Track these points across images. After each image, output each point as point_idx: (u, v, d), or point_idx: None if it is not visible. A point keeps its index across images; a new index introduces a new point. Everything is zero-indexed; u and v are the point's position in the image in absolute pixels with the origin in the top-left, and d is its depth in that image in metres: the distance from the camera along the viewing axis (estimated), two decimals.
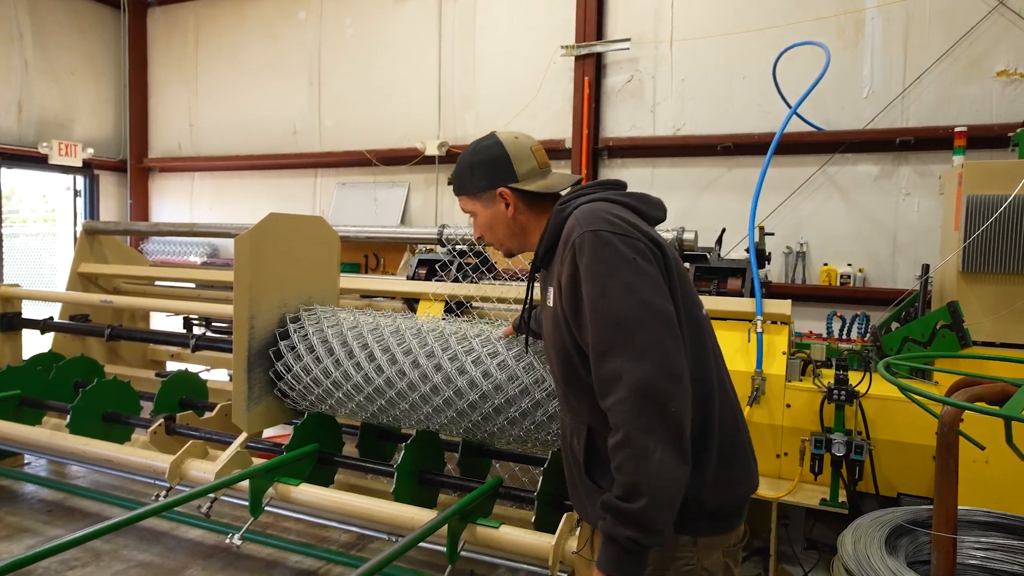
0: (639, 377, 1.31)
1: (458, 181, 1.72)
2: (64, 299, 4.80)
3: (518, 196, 1.64)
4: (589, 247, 1.41)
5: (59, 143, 7.65)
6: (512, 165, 1.63)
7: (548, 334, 1.59)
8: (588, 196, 1.55)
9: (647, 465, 1.28)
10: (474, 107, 6.74)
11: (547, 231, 1.58)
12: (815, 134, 5.26)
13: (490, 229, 1.71)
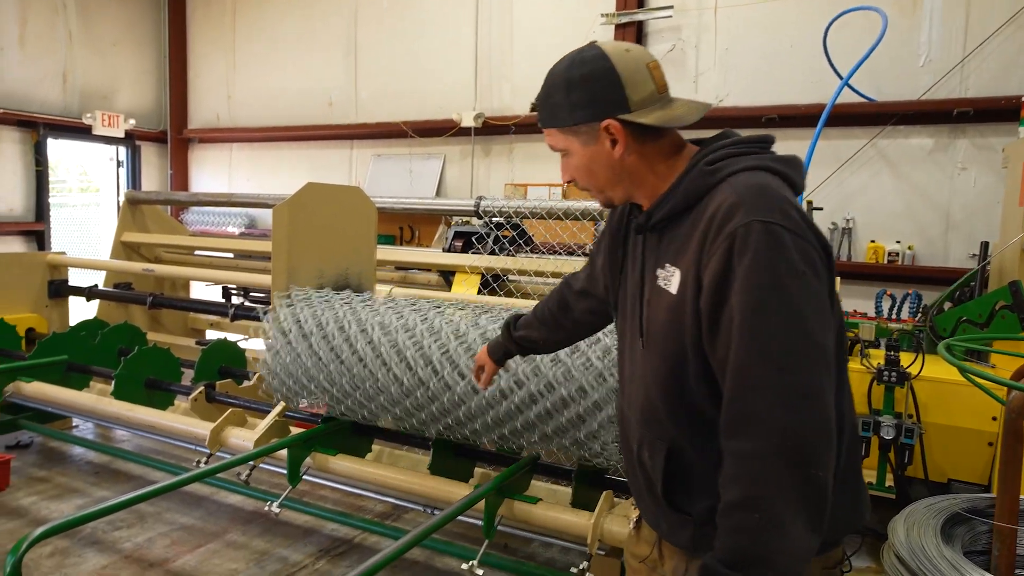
0: (789, 431, 1.04)
1: (547, 109, 1.29)
2: (108, 267, 4.90)
3: (630, 132, 1.23)
4: (756, 245, 1.08)
5: (102, 114, 7.77)
6: (624, 89, 1.21)
7: (658, 323, 1.25)
8: (748, 161, 1.21)
9: (778, 541, 1.04)
10: (510, 78, 6.63)
11: (679, 189, 1.22)
12: (865, 105, 5.05)
13: (588, 173, 1.30)
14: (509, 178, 6.70)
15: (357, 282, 3.08)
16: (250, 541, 3.29)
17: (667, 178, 1.26)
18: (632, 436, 1.35)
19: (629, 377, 1.37)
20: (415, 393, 2.22)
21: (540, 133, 1.36)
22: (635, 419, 1.34)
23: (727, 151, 1.23)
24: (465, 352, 2.14)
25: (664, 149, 1.27)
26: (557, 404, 1.98)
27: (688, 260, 1.18)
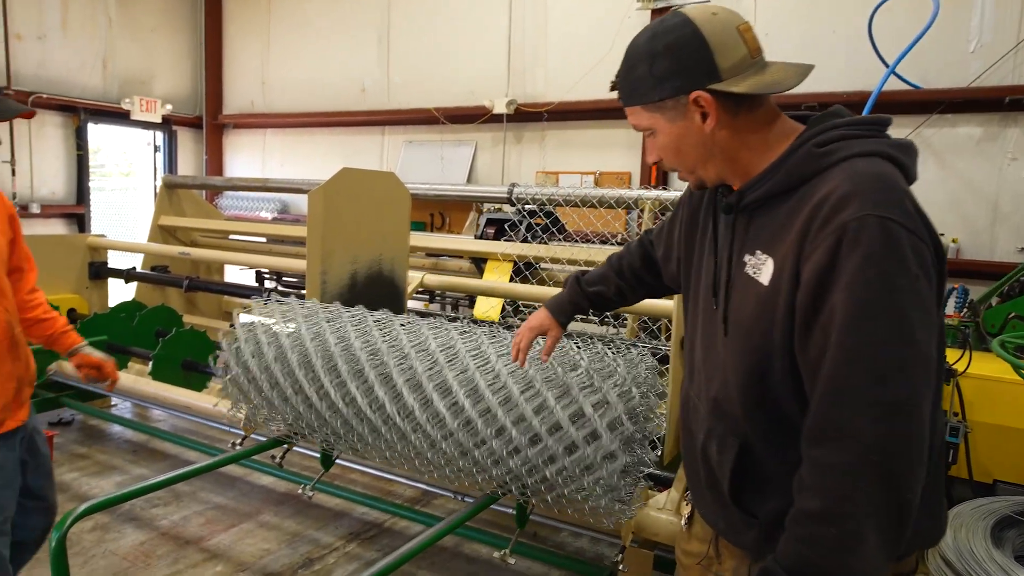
0: (881, 447, 0.96)
1: (628, 85, 1.17)
2: (146, 250, 4.98)
3: (722, 103, 1.11)
4: (869, 241, 0.98)
5: (140, 99, 7.89)
6: (713, 55, 1.09)
7: (744, 313, 1.15)
8: (864, 145, 1.08)
9: (849, 559, 0.98)
10: (544, 64, 6.57)
11: (781, 170, 1.10)
12: (910, 93, 4.87)
13: (676, 152, 1.17)
14: (541, 166, 6.65)
15: (390, 268, 3.08)
16: (282, 522, 3.34)
17: (763, 153, 1.15)
18: (698, 427, 1.28)
19: (702, 364, 1.27)
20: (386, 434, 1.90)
21: (573, 120, 1.28)
22: (705, 409, 1.25)
23: (841, 132, 1.10)
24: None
25: (759, 121, 1.15)
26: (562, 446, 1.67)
27: (785, 249, 1.08)
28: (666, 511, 2.02)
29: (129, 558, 2.98)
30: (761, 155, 1.15)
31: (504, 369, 1.73)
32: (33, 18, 7.12)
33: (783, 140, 1.15)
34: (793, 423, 1.11)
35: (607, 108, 6.19)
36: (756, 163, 1.16)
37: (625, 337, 3.44)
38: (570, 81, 6.37)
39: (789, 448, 1.11)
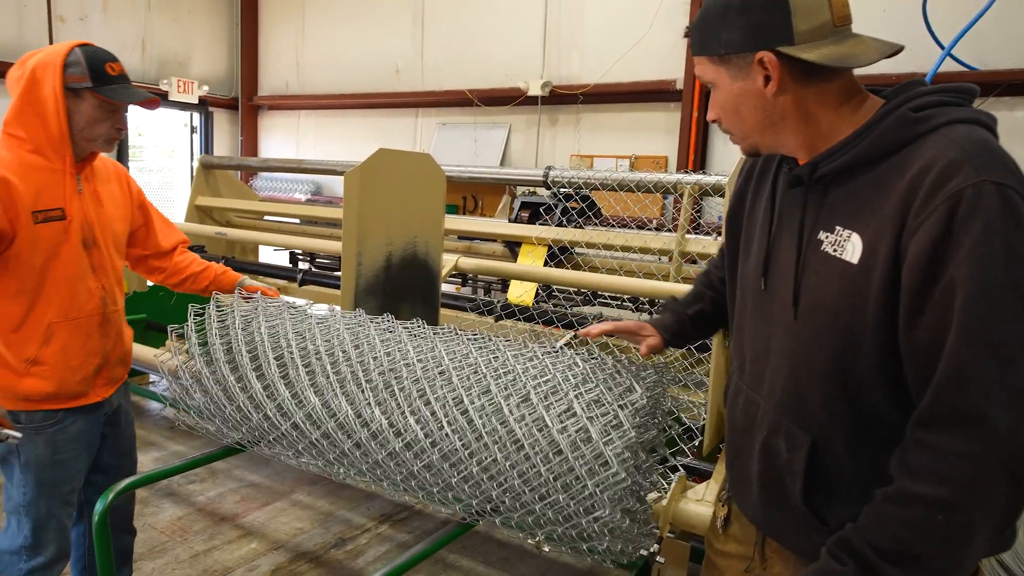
0: (1011, 436, 0.89)
1: (699, 34, 1.10)
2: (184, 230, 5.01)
3: (788, 68, 1.03)
4: (988, 210, 0.89)
5: (178, 80, 7.97)
6: (791, 16, 1.01)
7: (824, 294, 1.05)
8: (961, 112, 1.00)
9: (955, 551, 0.93)
10: (580, 45, 6.45)
11: (870, 138, 1.01)
12: (966, 74, 4.67)
13: (734, 113, 1.10)
14: (575, 149, 6.57)
15: (425, 251, 3.06)
16: (315, 502, 3.37)
17: (836, 127, 1.06)
18: (756, 423, 1.18)
19: (761, 354, 1.18)
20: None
21: (609, 103, 1.21)
22: (768, 403, 1.16)
23: (936, 98, 1.01)
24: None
25: (833, 94, 1.06)
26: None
27: (879, 224, 0.98)
28: (705, 503, 1.98)
29: (167, 532, 3.04)
30: (831, 128, 1.07)
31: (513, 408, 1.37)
32: (76, 0, 7.23)
33: (860, 115, 1.07)
34: (875, 415, 1.03)
35: (644, 90, 6.06)
36: (824, 136, 1.08)
37: None
38: (606, 63, 6.25)
39: (867, 443, 1.04)
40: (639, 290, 3.09)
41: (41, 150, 1.80)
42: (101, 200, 1.97)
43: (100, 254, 1.94)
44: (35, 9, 6.93)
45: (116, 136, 1.90)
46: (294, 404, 1.57)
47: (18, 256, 1.77)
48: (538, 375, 1.46)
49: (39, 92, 1.77)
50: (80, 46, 1.82)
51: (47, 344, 1.81)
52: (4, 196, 1.72)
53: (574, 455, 1.24)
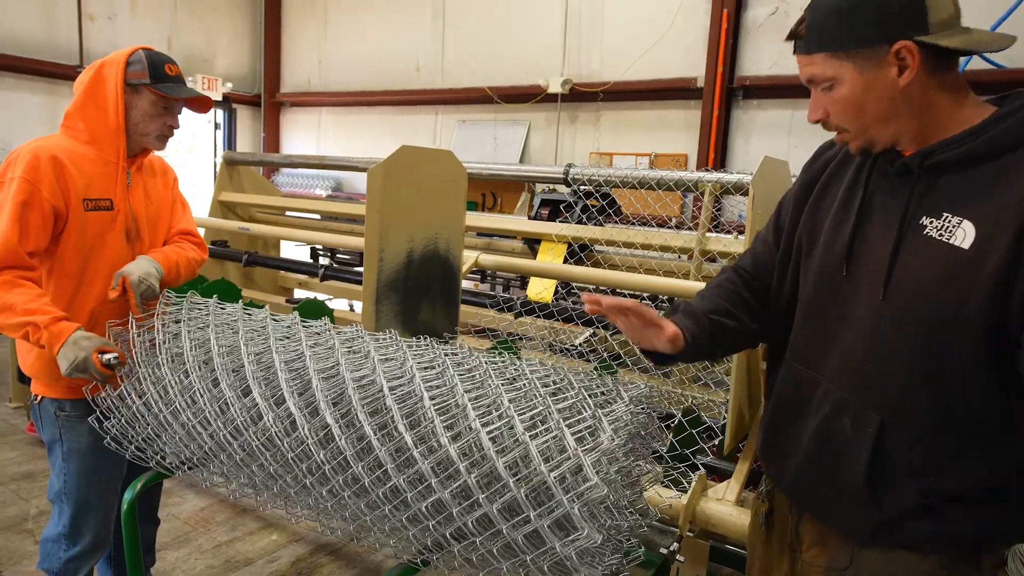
0: None
1: (818, 30, 1.11)
2: (207, 225, 5.11)
3: (926, 57, 1.06)
4: None
5: (203, 77, 8.08)
6: (924, 6, 1.04)
7: (923, 277, 1.08)
8: None
9: None
10: (600, 43, 6.44)
11: (995, 130, 1.06)
12: (991, 72, 4.61)
13: (857, 107, 1.10)
14: (595, 147, 6.56)
15: (446, 247, 3.08)
16: None
17: (951, 116, 1.10)
18: (818, 401, 1.20)
19: (829, 333, 1.20)
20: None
21: (629, 100, 1.16)
22: (834, 382, 1.18)
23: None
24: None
25: (951, 85, 1.10)
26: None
27: (999, 213, 1.02)
28: (725, 502, 1.98)
29: (190, 522, 3.09)
30: (949, 117, 1.10)
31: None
32: None
33: (974, 107, 1.11)
34: (964, 406, 1.05)
35: (664, 88, 6.03)
36: (940, 126, 1.11)
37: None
38: (627, 60, 6.23)
39: (947, 433, 1.06)
40: (659, 288, 3.08)
41: (97, 141, 1.89)
42: (149, 195, 2.04)
43: (143, 247, 2.01)
44: (65, 7, 7.06)
45: (168, 133, 1.99)
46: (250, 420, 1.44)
47: (68, 240, 1.84)
48: (507, 383, 1.33)
49: (103, 87, 1.88)
50: (144, 49, 1.93)
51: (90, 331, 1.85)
52: (61, 179, 1.80)
53: (547, 466, 1.11)
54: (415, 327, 2.97)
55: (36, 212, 1.76)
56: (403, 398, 1.29)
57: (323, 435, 1.33)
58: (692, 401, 2.55)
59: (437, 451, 1.18)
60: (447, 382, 1.31)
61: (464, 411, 1.21)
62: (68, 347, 1.71)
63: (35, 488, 3.30)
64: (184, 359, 1.57)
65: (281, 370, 1.43)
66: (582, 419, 1.17)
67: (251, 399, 1.43)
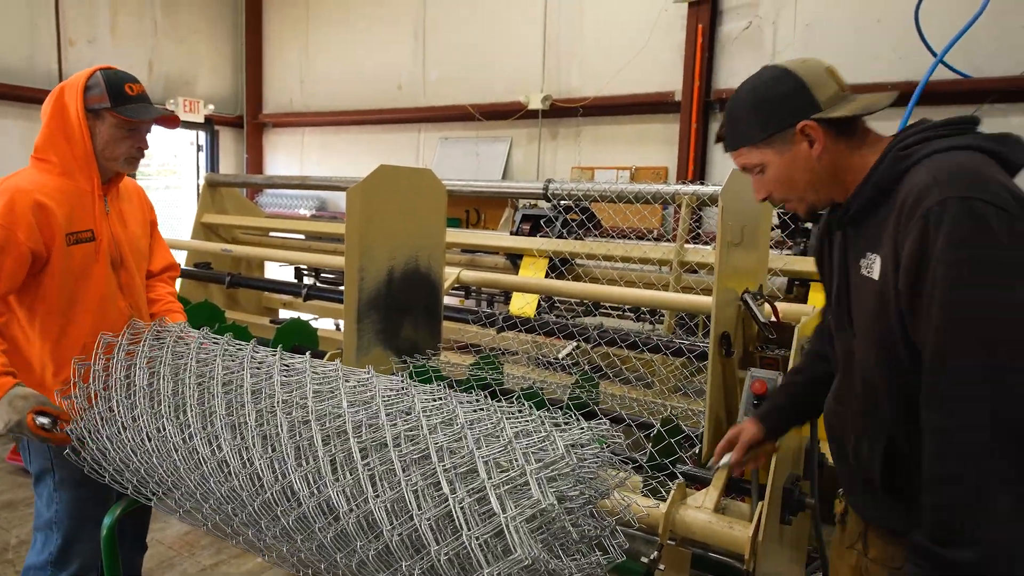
0: (990, 407, 1.04)
1: (737, 130, 1.34)
2: (190, 247, 5.11)
3: (826, 128, 1.26)
4: (953, 221, 1.07)
5: (184, 100, 8.08)
6: (811, 91, 1.26)
7: (865, 311, 1.26)
8: (943, 143, 1.19)
9: (985, 516, 1.03)
10: (579, 60, 6.53)
11: (874, 178, 1.23)
12: (959, 82, 4.70)
13: (788, 182, 1.32)
14: (576, 161, 6.63)
15: (427, 264, 3.11)
16: None
17: (863, 171, 1.28)
18: (849, 429, 1.36)
19: (845, 371, 1.38)
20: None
21: (609, 115, 1.35)
22: (852, 411, 1.35)
23: (922, 135, 1.23)
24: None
25: (856, 143, 1.30)
26: None
27: (887, 245, 1.20)
28: (704, 510, 2.00)
29: (175, 547, 3.07)
30: (860, 171, 1.29)
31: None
32: (84, 23, 7.36)
33: (876, 155, 1.28)
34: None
35: (643, 103, 6.13)
36: (857, 179, 1.29)
37: (662, 334, 3.41)
38: (606, 76, 6.33)
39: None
40: (639, 300, 3.12)
41: (70, 172, 1.86)
42: (126, 220, 2.02)
43: (128, 274, 1.99)
44: (45, 32, 7.06)
45: (137, 156, 1.95)
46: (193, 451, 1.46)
47: (52, 276, 1.82)
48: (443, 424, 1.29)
49: (66, 115, 1.84)
50: (102, 69, 1.89)
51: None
52: (42, 220, 1.78)
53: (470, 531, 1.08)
54: (398, 344, 2.99)
55: (10, 257, 1.73)
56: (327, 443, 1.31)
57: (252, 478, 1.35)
58: (671, 411, 2.58)
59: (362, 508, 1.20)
60: (379, 425, 1.30)
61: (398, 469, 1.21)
62: (3, 406, 1.66)
63: (15, 518, 3.27)
64: (145, 398, 1.58)
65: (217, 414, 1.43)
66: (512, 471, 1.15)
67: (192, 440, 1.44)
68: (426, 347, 3.03)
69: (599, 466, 1.28)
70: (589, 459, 1.25)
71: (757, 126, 1.31)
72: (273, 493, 1.33)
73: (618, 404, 2.75)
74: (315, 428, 1.33)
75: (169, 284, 2.26)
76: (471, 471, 1.18)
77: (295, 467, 1.31)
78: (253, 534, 1.44)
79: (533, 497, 1.09)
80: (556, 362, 3.35)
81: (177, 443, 1.48)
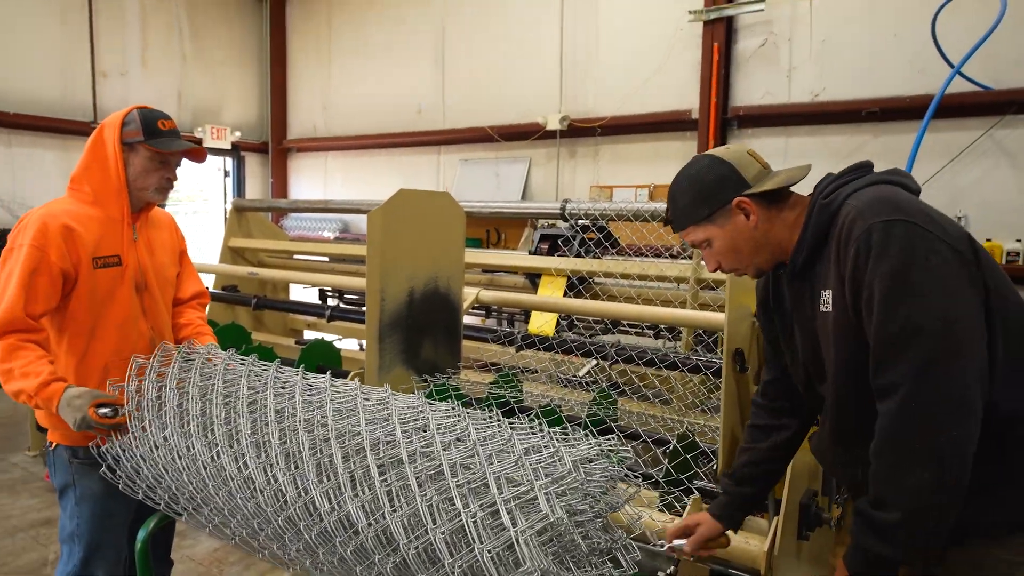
0: (913, 398, 1.23)
1: (681, 213, 1.53)
2: (218, 271, 5.25)
3: (757, 201, 1.47)
4: (879, 241, 1.26)
5: (211, 127, 8.33)
6: (739, 172, 1.48)
7: (831, 344, 1.42)
8: (856, 183, 1.40)
9: (907, 481, 1.25)
10: (596, 80, 6.62)
11: (809, 230, 1.42)
12: (980, 94, 4.70)
13: (733, 251, 1.52)
14: (594, 180, 6.69)
15: (446, 285, 3.17)
16: None
17: (797, 228, 1.47)
18: (848, 460, 1.49)
19: (836, 417, 1.50)
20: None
21: (626, 134, 1.51)
22: (846, 440, 1.48)
23: (835, 183, 1.44)
24: None
25: (785, 208, 1.50)
26: None
27: (834, 277, 1.38)
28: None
29: (204, 563, 3.14)
30: (795, 228, 1.48)
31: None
32: (117, 57, 7.65)
33: (804, 213, 1.47)
34: None
35: (660, 121, 6.18)
36: (793, 237, 1.48)
37: (680, 351, 3.43)
38: (622, 95, 6.40)
39: None
40: (654, 317, 3.15)
41: (102, 201, 1.99)
42: (153, 248, 2.13)
43: (151, 298, 2.10)
44: (80, 67, 7.36)
45: (167, 186, 2.08)
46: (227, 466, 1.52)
47: (79, 298, 1.94)
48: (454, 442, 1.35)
49: (103, 149, 1.99)
50: (139, 108, 2.04)
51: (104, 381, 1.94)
52: (71, 243, 1.91)
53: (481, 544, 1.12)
54: (418, 364, 3.05)
55: (44, 277, 1.86)
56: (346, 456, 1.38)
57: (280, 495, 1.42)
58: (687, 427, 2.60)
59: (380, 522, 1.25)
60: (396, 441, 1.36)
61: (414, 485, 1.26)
62: (64, 409, 1.78)
63: (53, 534, 3.37)
64: (175, 417, 1.65)
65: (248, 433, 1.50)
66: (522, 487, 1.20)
67: (227, 461, 1.51)
68: (446, 366, 3.09)
69: (608, 480, 1.31)
70: (598, 473, 1.28)
71: (699, 207, 1.50)
72: (296, 509, 1.38)
73: (635, 421, 2.77)
74: (335, 446, 1.39)
75: (199, 310, 2.36)
76: (483, 486, 1.22)
77: (316, 483, 1.37)
78: (278, 548, 1.50)
79: (542, 511, 1.13)
80: (575, 380, 3.39)
81: (206, 461, 1.55)
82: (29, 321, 1.84)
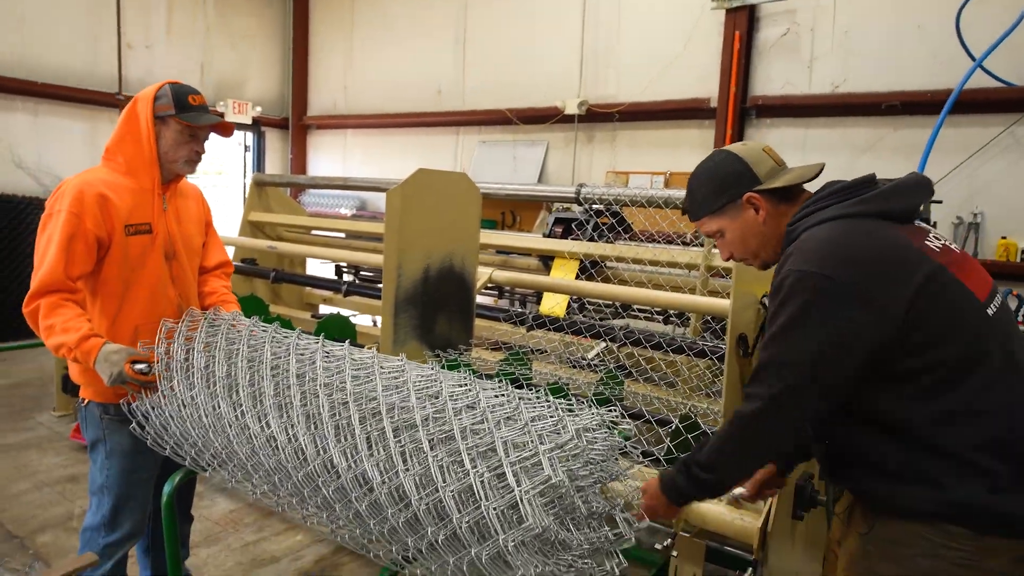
0: (755, 399, 1.45)
1: (695, 204, 1.66)
2: (237, 244, 5.36)
3: (766, 197, 1.57)
4: (787, 289, 1.41)
5: (233, 102, 8.42)
6: (752, 169, 1.57)
7: None
8: (820, 215, 1.48)
9: (722, 451, 1.52)
10: (616, 65, 6.62)
11: (791, 230, 1.54)
12: (1002, 90, 4.67)
13: (742, 242, 1.63)
14: (611, 165, 6.71)
15: (461, 264, 3.25)
16: None
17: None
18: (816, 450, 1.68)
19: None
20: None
21: (644, 120, 1.61)
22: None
23: (808, 209, 1.52)
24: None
25: (795, 205, 1.57)
26: None
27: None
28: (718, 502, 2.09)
29: (220, 523, 3.27)
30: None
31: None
32: (142, 29, 7.74)
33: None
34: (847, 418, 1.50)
35: (679, 108, 6.18)
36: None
37: (688, 336, 3.49)
38: (642, 82, 6.40)
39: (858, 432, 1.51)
40: (666, 303, 3.21)
41: (134, 171, 2.09)
42: (181, 218, 2.24)
43: (179, 266, 2.20)
44: (106, 38, 7.46)
45: (196, 159, 2.18)
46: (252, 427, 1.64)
47: (111, 263, 2.05)
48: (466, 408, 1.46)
49: (136, 122, 2.09)
50: (170, 83, 2.13)
51: (137, 341, 2.04)
52: (105, 210, 2.01)
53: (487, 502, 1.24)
54: (432, 339, 3.13)
55: (81, 242, 1.96)
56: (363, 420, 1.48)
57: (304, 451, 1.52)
58: (690, 409, 2.67)
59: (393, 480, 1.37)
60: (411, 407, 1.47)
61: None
62: (101, 363, 1.89)
63: (79, 490, 3.52)
64: (202, 378, 1.75)
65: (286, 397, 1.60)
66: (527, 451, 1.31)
67: (249, 417, 1.61)
68: (459, 342, 3.17)
69: (609, 449, 1.39)
70: (600, 442, 1.36)
71: (712, 200, 1.61)
72: (315, 466, 1.48)
73: (641, 402, 2.85)
74: (353, 408, 1.48)
75: (224, 279, 2.46)
76: (491, 449, 1.30)
77: (335, 443, 1.46)
78: (297, 503, 1.60)
79: (545, 473, 1.21)
80: (584, 361, 3.46)
81: (230, 420, 1.65)
82: (69, 282, 1.95)
